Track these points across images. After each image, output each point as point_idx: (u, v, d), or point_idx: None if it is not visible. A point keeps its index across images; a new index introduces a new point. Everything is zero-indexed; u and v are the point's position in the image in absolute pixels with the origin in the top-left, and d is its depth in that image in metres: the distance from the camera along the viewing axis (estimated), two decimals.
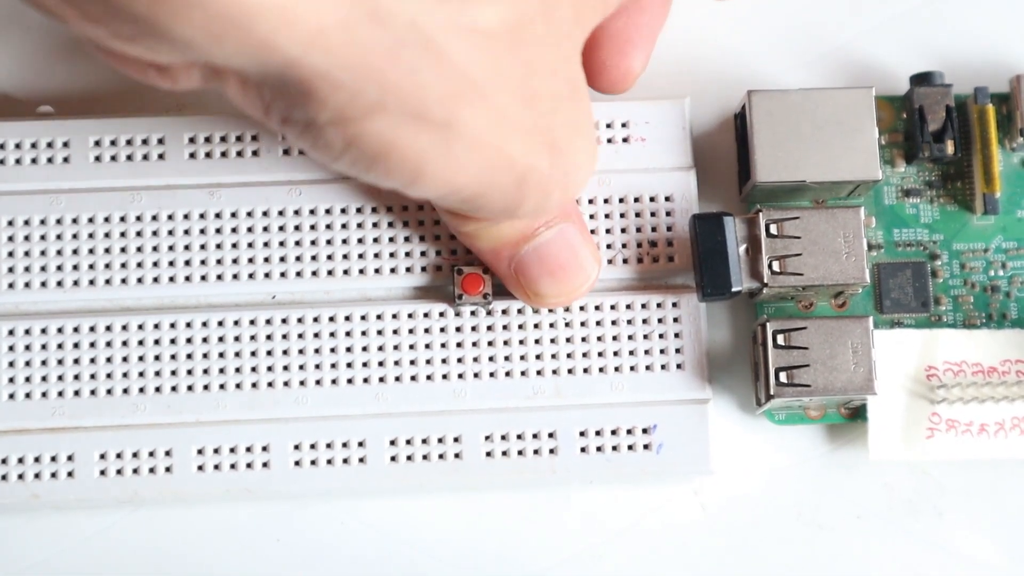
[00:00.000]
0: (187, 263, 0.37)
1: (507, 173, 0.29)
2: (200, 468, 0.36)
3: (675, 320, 0.37)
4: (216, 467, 0.36)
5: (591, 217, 0.37)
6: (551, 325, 0.37)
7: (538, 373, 0.37)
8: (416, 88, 0.27)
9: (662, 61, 0.40)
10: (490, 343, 0.37)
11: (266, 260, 0.37)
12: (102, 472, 0.36)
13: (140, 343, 0.36)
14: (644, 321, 0.37)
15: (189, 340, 0.37)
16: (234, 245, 0.37)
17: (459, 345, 0.37)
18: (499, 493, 0.38)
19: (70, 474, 0.36)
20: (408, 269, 0.37)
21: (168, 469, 0.36)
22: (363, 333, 0.37)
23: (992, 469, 0.38)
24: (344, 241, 0.37)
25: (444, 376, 0.37)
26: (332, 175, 0.35)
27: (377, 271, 0.37)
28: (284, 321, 0.37)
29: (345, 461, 0.36)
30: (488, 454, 0.36)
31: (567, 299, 0.36)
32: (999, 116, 0.39)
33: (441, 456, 0.36)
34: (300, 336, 0.37)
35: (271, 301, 0.37)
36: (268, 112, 0.28)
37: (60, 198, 0.37)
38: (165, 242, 0.37)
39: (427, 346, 0.37)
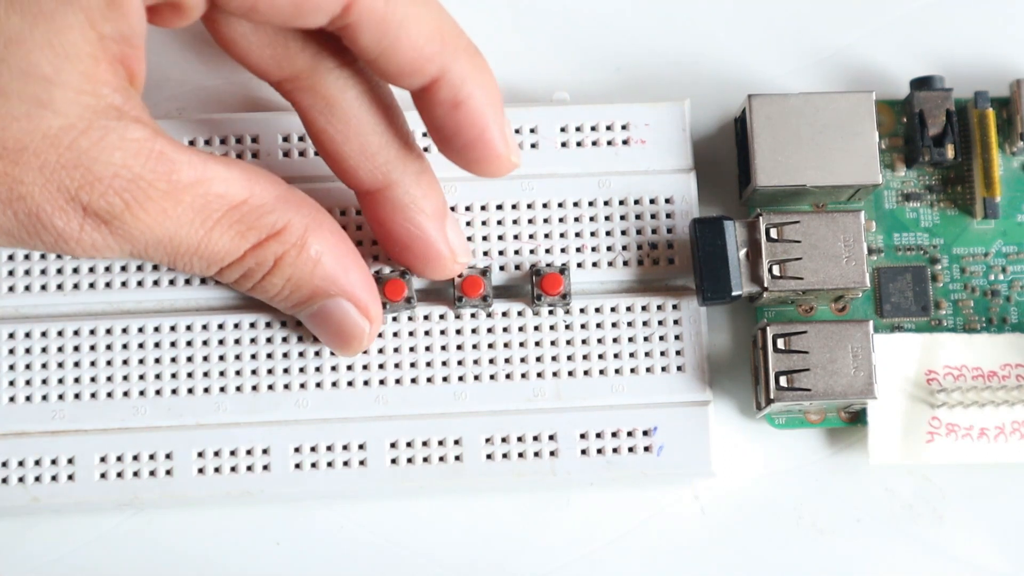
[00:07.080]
0: None
1: None
2: (200, 471, 0.36)
3: (675, 322, 0.37)
4: (216, 470, 0.36)
5: (591, 219, 0.37)
6: (551, 327, 0.37)
7: (538, 375, 0.37)
8: None
9: (663, 64, 0.40)
10: (490, 345, 0.37)
11: None
12: (102, 475, 0.36)
13: (140, 346, 0.36)
14: (644, 323, 0.37)
15: (189, 343, 0.37)
16: None
17: (459, 347, 0.37)
18: (499, 495, 0.38)
19: (70, 477, 0.36)
20: None
21: (168, 472, 0.36)
22: None
23: (992, 473, 0.38)
24: None
25: (444, 378, 0.37)
26: (331, 176, 0.35)
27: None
28: (284, 324, 0.37)
29: (345, 464, 0.36)
30: (488, 456, 0.36)
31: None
32: (999, 120, 0.39)
33: (441, 459, 0.36)
34: (300, 339, 0.37)
35: None
36: None
37: None
38: None
39: (427, 348, 0.37)
